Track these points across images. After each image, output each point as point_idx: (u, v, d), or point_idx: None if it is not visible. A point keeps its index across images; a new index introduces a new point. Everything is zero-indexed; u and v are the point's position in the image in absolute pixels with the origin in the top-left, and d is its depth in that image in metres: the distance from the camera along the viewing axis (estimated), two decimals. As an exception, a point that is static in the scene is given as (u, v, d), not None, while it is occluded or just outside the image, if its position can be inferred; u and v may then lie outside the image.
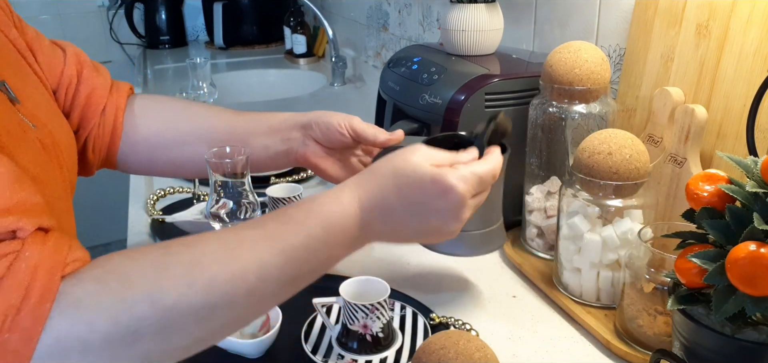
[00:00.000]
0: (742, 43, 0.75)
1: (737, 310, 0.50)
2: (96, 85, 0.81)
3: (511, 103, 0.92)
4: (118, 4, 2.75)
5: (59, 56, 0.80)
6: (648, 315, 0.69)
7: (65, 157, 0.74)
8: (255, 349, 0.70)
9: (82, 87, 0.80)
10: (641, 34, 0.90)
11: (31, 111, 0.71)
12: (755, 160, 0.53)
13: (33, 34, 0.79)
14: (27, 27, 0.80)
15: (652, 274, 0.68)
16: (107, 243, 3.12)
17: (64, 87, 0.80)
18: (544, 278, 0.85)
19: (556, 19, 1.12)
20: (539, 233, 0.91)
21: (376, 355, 0.69)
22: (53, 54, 0.80)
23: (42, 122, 0.72)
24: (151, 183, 1.23)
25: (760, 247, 0.47)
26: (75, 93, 0.80)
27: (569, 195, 0.79)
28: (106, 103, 0.82)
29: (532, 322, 0.78)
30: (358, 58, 2.16)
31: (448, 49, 1.01)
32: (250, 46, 2.66)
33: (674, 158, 0.81)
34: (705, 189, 0.55)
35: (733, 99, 0.76)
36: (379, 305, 0.69)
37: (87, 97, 0.80)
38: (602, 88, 0.84)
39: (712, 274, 0.51)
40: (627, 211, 0.76)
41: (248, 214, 0.75)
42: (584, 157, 0.75)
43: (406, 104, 1.00)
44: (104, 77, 0.82)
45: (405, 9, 1.76)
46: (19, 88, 0.69)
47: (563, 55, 0.84)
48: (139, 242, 0.98)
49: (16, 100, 0.69)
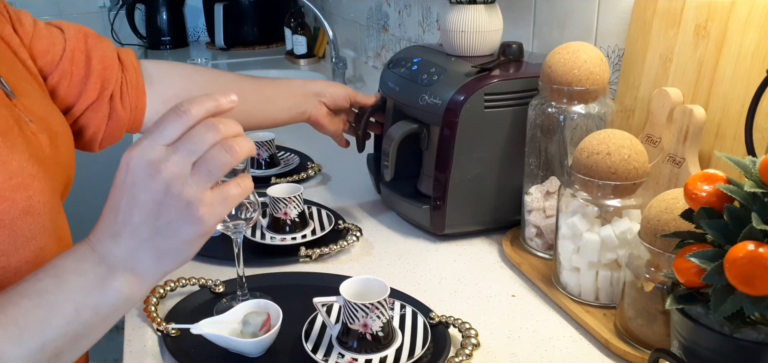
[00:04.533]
0: (741, 43, 0.75)
1: (736, 309, 0.50)
2: (105, 48, 0.86)
3: (510, 103, 0.92)
4: (120, 4, 2.75)
5: (57, 35, 0.82)
6: (647, 314, 0.69)
7: (63, 151, 0.74)
8: (256, 348, 0.71)
9: (93, 52, 0.84)
10: (640, 35, 0.90)
11: (27, 106, 0.71)
12: (753, 160, 0.54)
13: (29, 25, 0.81)
14: (23, 17, 0.81)
15: (652, 274, 0.68)
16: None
17: (70, 60, 0.81)
18: (543, 278, 0.85)
19: (555, 20, 1.12)
20: (538, 233, 0.92)
21: (376, 354, 0.69)
22: (50, 36, 0.82)
23: (39, 117, 0.72)
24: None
25: (759, 247, 0.48)
26: (87, 59, 0.83)
27: (568, 195, 0.80)
28: (122, 58, 0.87)
29: (532, 321, 0.78)
30: (358, 59, 2.16)
31: (447, 49, 1.02)
32: (251, 47, 2.66)
33: (673, 158, 0.81)
34: (703, 189, 0.55)
35: (732, 99, 0.76)
36: (379, 304, 0.69)
37: (101, 59, 0.84)
38: (601, 88, 0.85)
39: (711, 273, 0.51)
40: (626, 210, 0.76)
41: (249, 214, 0.75)
42: (583, 157, 0.75)
43: (405, 105, 1.00)
44: (109, 42, 0.88)
45: (405, 10, 1.76)
46: (14, 84, 0.70)
47: (562, 56, 0.84)
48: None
49: (12, 94, 0.69)
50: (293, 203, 0.96)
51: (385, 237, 1.00)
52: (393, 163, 0.97)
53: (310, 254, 0.92)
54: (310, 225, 1.00)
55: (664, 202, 0.66)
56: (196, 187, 0.51)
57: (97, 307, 0.52)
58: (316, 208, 1.06)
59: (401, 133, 0.97)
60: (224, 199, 0.53)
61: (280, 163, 1.27)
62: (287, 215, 0.96)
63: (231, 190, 0.54)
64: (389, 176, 0.98)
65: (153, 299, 0.79)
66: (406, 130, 0.97)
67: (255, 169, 1.23)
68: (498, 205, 0.97)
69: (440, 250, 0.96)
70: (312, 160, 1.30)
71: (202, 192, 0.51)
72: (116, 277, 0.53)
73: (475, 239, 0.98)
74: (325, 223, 1.01)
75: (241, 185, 0.55)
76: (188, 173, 0.51)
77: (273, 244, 0.95)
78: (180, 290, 0.83)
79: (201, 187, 0.51)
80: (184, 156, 0.51)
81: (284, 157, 1.31)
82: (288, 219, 0.96)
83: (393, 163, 0.97)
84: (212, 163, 0.51)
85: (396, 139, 0.97)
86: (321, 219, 1.02)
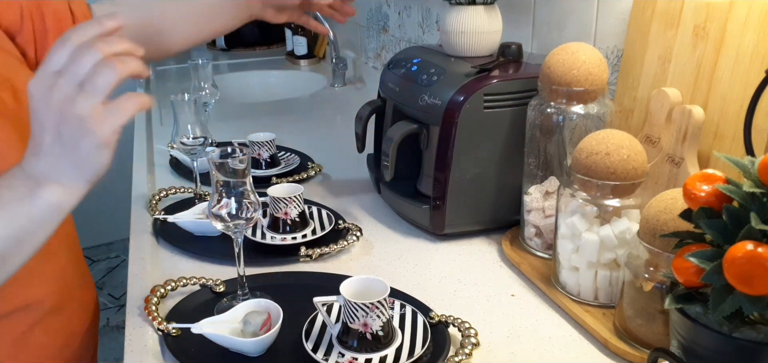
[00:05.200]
0: (739, 44, 0.75)
1: (734, 309, 0.50)
2: (57, 5, 0.91)
3: (509, 103, 0.92)
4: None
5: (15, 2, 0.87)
6: (647, 314, 0.69)
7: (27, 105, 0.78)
8: (256, 348, 0.71)
9: (46, 9, 0.89)
10: (639, 36, 0.90)
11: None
12: (752, 160, 0.54)
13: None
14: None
15: (651, 273, 0.68)
16: (110, 242, 3.12)
17: (29, 18, 0.87)
18: (543, 277, 0.85)
19: (554, 21, 1.12)
20: (538, 233, 0.92)
21: (376, 353, 0.70)
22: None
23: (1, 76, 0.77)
24: (154, 183, 1.23)
25: (758, 247, 0.48)
26: (42, 17, 0.88)
27: (567, 195, 0.80)
28: (73, 10, 0.92)
29: (531, 320, 0.79)
30: (358, 60, 2.17)
31: (447, 50, 1.02)
32: (252, 48, 2.67)
33: (672, 158, 0.81)
34: (702, 189, 0.55)
35: (730, 100, 0.76)
36: (379, 304, 0.69)
37: (54, 15, 0.90)
38: (600, 88, 0.85)
39: (710, 273, 0.51)
40: (625, 210, 0.77)
41: (250, 214, 0.76)
42: (582, 158, 0.76)
43: (405, 105, 1.01)
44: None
45: (405, 11, 1.77)
46: None
47: (561, 57, 0.85)
48: (141, 242, 0.98)
49: None
50: (293, 203, 0.97)
51: (385, 237, 1.01)
52: (393, 163, 0.98)
53: (311, 254, 0.93)
54: (310, 225, 1.00)
55: (663, 202, 0.66)
56: (85, 103, 0.57)
57: (29, 214, 0.61)
58: (316, 207, 1.06)
59: (401, 133, 0.97)
60: (115, 110, 0.59)
61: (280, 163, 1.27)
62: (287, 215, 0.97)
63: (121, 102, 0.59)
64: (389, 176, 0.99)
65: (154, 299, 0.80)
66: (405, 130, 0.97)
67: (255, 169, 1.23)
68: (497, 205, 0.97)
69: (440, 250, 0.96)
70: (312, 160, 1.31)
71: (92, 107, 0.58)
72: (43, 188, 0.61)
73: (474, 239, 0.99)
74: (325, 222, 1.01)
75: (132, 98, 0.60)
76: (76, 93, 0.57)
77: (273, 243, 0.95)
78: (181, 290, 0.84)
79: (90, 103, 0.58)
80: (68, 79, 0.58)
81: (285, 157, 1.31)
82: (288, 219, 0.97)
83: (393, 163, 0.98)
84: (97, 80, 0.58)
85: (396, 139, 0.97)
86: (321, 219, 1.02)
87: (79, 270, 0.95)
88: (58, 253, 0.87)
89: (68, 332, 0.90)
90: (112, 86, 0.58)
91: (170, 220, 1.01)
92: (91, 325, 0.96)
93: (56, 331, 0.87)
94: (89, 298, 0.97)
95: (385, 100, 1.08)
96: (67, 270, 0.90)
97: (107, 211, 2.54)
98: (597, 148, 0.74)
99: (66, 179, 0.61)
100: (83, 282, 0.96)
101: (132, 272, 0.89)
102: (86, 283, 0.97)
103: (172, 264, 0.92)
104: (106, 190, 0.56)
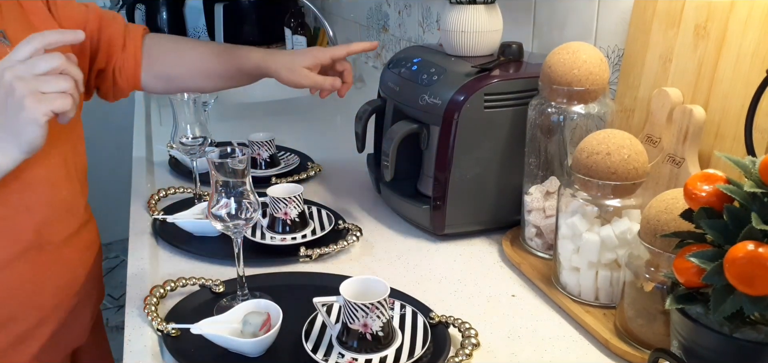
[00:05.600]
0: (740, 44, 0.75)
1: (735, 309, 0.50)
2: (112, 32, 1.05)
3: (510, 103, 0.92)
4: (120, 5, 2.75)
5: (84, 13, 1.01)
6: (647, 314, 0.69)
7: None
8: (256, 348, 0.71)
9: (102, 34, 1.04)
10: (640, 35, 0.90)
11: None
12: (753, 160, 0.54)
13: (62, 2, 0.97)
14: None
15: (652, 273, 0.68)
16: (109, 243, 3.12)
17: (89, 37, 0.99)
18: (543, 278, 0.85)
19: (554, 20, 1.12)
20: (538, 233, 0.92)
21: (376, 353, 0.70)
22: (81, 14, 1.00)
23: None
24: (153, 183, 1.23)
25: (758, 247, 0.48)
26: (99, 37, 1.03)
27: (568, 195, 0.80)
28: (126, 41, 1.07)
29: (531, 321, 0.79)
30: (358, 59, 2.16)
31: (447, 49, 1.02)
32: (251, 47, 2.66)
33: (672, 158, 0.81)
34: (703, 189, 0.55)
35: (731, 100, 0.76)
36: (379, 304, 0.69)
37: (107, 40, 1.05)
38: (601, 88, 0.85)
39: (711, 273, 0.51)
40: (625, 210, 0.76)
41: (249, 214, 0.76)
42: (583, 157, 0.75)
43: (405, 105, 1.00)
44: (119, 22, 1.07)
45: (405, 10, 1.76)
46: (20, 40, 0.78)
47: (562, 56, 0.84)
48: (140, 242, 0.98)
49: None
50: (293, 203, 0.96)
51: (385, 237, 1.00)
52: (393, 163, 0.97)
53: (310, 254, 0.92)
54: (310, 225, 1.00)
55: (664, 202, 0.66)
56: (32, 86, 0.71)
57: None
58: (316, 208, 1.06)
59: (401, 133, 0.97)
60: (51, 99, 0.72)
61: (280, 163, 1.27)
62: (287, 215, 0.96)
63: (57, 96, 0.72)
64: (389, 176, 0.98)
65: (153, 299, 0.80)
66: (405, 130, 0.97)
67: (255, 169, 1.23)
68: (498, 205, 0.97)
69: (440, 250, 0.96)
70: (312, 160, 1.30)
71: (35, 90, 0.71)
72: None
73: (475, 239, 0.99)
74: (325, 223, 1.01)
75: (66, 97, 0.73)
76: (29, 78, 0.71)
77: (273, 244, 0.95)
78: (180, 290, 0.83)
79: (34, 87, 0.71)
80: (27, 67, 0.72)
81: (284, 157, 1.31)
82: (288, 219, 0.97)
83: (393, 163, 0.98)
84: (49, 79, 0.72)
85: (396, 139, 0.97)
86: (321, 219, 1.02)
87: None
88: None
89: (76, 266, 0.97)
90: (55, 91, 0.72)
91: (169, 220, 1.00)
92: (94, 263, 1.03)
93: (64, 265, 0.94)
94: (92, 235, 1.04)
95: (385, 100, 1.08)
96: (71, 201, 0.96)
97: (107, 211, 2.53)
98: (598, 148, 0.74)
99: (4, 144, 0.74)
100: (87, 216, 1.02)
101: (131, 272, 0.89)
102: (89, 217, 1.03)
103: (172, 264, 0.92)
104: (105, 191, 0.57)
